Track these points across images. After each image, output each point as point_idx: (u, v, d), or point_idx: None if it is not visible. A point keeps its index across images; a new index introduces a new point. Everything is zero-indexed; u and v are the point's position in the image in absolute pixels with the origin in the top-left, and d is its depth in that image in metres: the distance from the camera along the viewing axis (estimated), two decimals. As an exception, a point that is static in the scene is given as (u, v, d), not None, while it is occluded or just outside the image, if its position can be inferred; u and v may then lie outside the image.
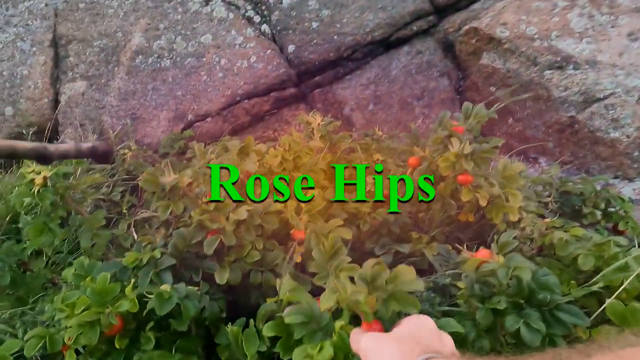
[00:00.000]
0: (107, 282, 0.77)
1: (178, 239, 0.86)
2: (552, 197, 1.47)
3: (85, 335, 0.72)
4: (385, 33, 2.29)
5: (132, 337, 0.78)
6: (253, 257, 0.85)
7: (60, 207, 1.23)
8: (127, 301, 0.76)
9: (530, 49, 1.99)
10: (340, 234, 0.86)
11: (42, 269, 1.35)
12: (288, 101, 2.32)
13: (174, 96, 2.37)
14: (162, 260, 0.82)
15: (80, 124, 2.45)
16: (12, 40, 2.70)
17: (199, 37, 2.46)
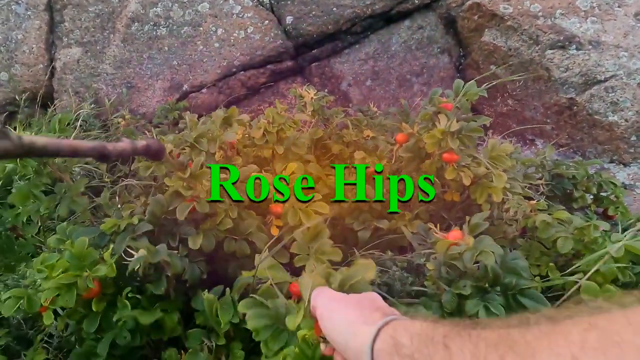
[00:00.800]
0: (85, 247, 0.78)
1: (155, 206, 0.86)
2: (543, 179, 1.46)
3: (62, 297, 0.73)
4: (386, 6, 2.23)
5: (110, 302, 0.79)
6: (225, 225, 0.85)
7: (45, 175, 1.23)
8: (104, 266, 0.77)
9: (533, 27, 1.94)
10: (319, 208, 0.85)
11: (32, 235, 1.36)
12: (284, 74, 2.28)
13: (169, 65, 2.34)
14: (139, 226, 0.83)
15: (75, 91, 2.43)
16: (7, 2, 2.64)
17: (196, 5, 2.40)
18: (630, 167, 1.81)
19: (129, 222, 0.83)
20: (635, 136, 1.78)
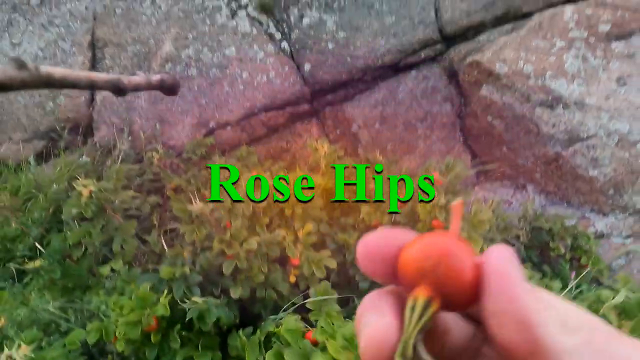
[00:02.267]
0: (147, 291, 1.02)
1: (204, 261, 1.10)
2: (524, 230, 1.68)
3: (130, 331, 0.97)
4: (395, 58, 2.48)
5: (164, 334, 1.03)
6: (259, 279, 1.09)
7: (101, 216, 1.48)
8: (161, 307, 1.01)
9: (525, 86, 2.17)
10: (327, 263, 1.09)
11: (83, 262, 1.62)
12: (301, 116, 2.54)
13: (198, 104, 2.60)
14: (192, 276, 1.07)
15: (112, 122, 2.71)
16: (54, 39, 2.95)
17: (224, 49, 2.67)
18: (608, 217, 2.02)
19: (182, 272, 1.07)
20: (612, 190, 1.99)
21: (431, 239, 0.27)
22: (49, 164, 2.72)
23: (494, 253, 0.26)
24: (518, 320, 0.23)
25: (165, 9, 2.87)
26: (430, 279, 0.25)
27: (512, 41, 2.29)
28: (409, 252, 0.27)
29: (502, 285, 0.24)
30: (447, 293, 0.25)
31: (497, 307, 0.24)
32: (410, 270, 0.26)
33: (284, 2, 2.72)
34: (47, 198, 2.22)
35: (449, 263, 0.25)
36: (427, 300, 0.25)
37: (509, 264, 0.26)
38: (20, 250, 2.01)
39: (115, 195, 1.44)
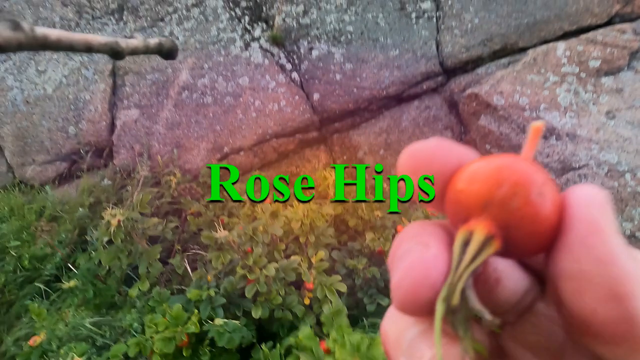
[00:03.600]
0: (180, 311, 1.15)
1: (228, 284, 1.23)
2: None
3: (165, 346, 1.10)
4: (398, 89, 2.64)
5: (193, 349, 1.16)
6: (278, 300, 1.22)
7: (128, 242, 1.62)
8: (192, 325, 1.14)
9: (520, 117, 2.31)
10: (338, 287, 1.22)
11: (111, 282, 1.75)
12: (310, 143, 2.69)
13: (213, 130, 2.76)
14: (216, 298, 1.20)
15: (132, 146, 2.87)
16: (78, 67, 3.13)
17: (238, 78, 2.85)
18: (600, 242, 2.14)
19: (207, 294, 1.20)
20: (603, 217, 2.12)
21: (504, 160, 0.21)
22: (71, 185, 2.87)
23: (581, 192, 0.20)
24: (609, 289, 0.17)
25: (183, 40, 3.05)
26: (497, 211, 0.20)
27: (509, 75, 2.45)
28: (471, 173, 0.21)
29: (591, 239, 0.18)
30: (515, 234, 0.20)
31: (579, 267, 0.18)
32: (470, 196, 0.21)
33: (295, 35, 2.90)
34: (72, 220, 2.37)
35: (527, 195, 0.20)
36: (487, 237, 0.20)
37: (601, 210, 0.19)
38: (48, 270, 2.15)
39: (142, 223, 1.58)
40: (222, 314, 1.17)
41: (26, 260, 2.21)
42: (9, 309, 2.08)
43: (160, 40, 1.54)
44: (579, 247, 0.18)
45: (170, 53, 1.67)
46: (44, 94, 3.11)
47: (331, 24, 2.88)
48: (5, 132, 3.09)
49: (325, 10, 2.93)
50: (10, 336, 1.85)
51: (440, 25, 2.75)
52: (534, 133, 0.25)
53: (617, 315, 0.17)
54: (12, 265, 2.22)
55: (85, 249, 2.22)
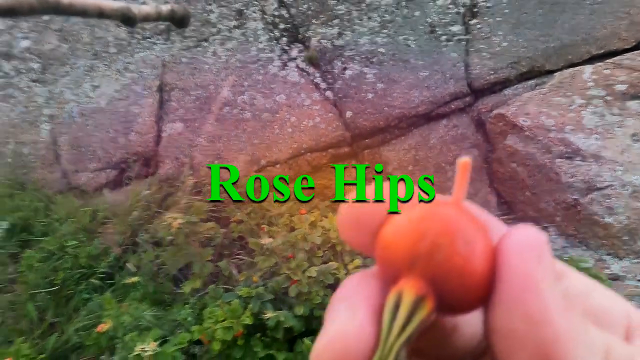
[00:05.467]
0: (237, 305, 1.32)
1: (274, 284, 1.39)
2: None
3: (224, 335, 1.26)
4: (427, 109, 2.77)
5: (247, 339, 1.32)
6: (317, 300, 1.36)
7: (185, 242, 1.81)
8: (247, 317, 1.30)
9: (546, 138, 2.41)
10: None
11: (164, 280, 1.94)
12: (342, 157, 2.85)
13: (251, 143, 2.96)
14: (265, 295, 1.36)
15: (176, 157, 3.09)
16: (129, 83, 3.40)
17: (275, 96, 3.04)
18: (623, 261, 2.20)
19: (257, 292, 1.36)
20: (627, 236, 2.18)
21: (429, 209, 0.20)
22: (120, 191, 3.11)
23: (515, 239, 0.19)
24: (541, 351, 0.16)
25: (225, 59, 3.28)
26: (423, 267, 0.18)
27: (535, 97, 2.55)
28: (394, 226, 0.20)
29: (523, 295, 0.17)
30: (446, 290, 0.18)
31: (511, 326, 0.17)
32: (394, 253, 0.19)
33: (330, 56, 3.09)
34: (124, 223, 2.59)
35: (454, 248, 0.18)
36: (417, 299, 0.18)
37: (536, 260, 0.18)
38: (102, 267, 2.37)
39: (198, 227, 1.77)
40: (271, 308, 1.33)
41: (82, 259, 2.43)
42: (68, 302, 2.30)
43: (173, 8, 1.49)
44: (511, 304, 0.17)
45: (183, 21, 1.60)
46: (98, 107, 3.38)
47: (364, 45, 3.05)
48: (62, 141, 3.37)
49: (359, 33, 3.11)
50: (71, 327, 2.06)
51: (469, 48, 2.88)
52: (461, 170, 0.23)
53: None
54: (70, 263, 2.44)
55: (135, 250, 2.42)
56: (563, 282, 0.22)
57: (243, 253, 1.87)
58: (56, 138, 3.40)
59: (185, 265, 1.97)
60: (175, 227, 1.72)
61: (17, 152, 3.44)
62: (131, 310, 1.58)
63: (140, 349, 1.16)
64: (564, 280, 0.22)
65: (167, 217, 1.76)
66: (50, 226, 2.77)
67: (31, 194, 3.16)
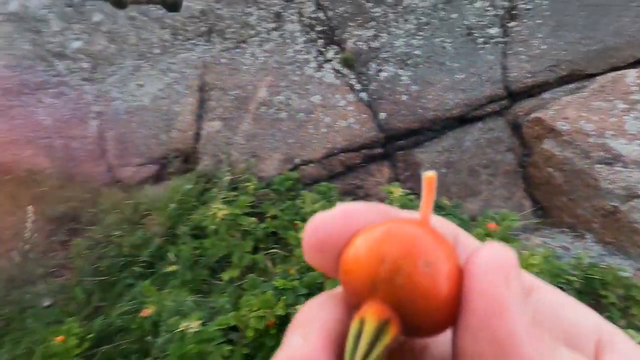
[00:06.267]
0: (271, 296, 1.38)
1: (309, 278, 1.45)
2: (577, 277, 1.88)
3: (258, 323, 1.33)
4: (462, 111, 2.77)
5: (279, 329, 1.39)
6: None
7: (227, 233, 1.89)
8: (280, 308, 1.36)
9: (585, 143, 2.36)
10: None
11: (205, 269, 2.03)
12: (375, 158, 2.88)
13: (286, 142, 3.04)
14: (299, 288, 1.42)
15: (214, 154, 3.21)
16: (171, 82, 3.56)
17: (310, 96, 3.11)
18: (664, 271, 2.13)
19: (292, 284, 1.43)
20: (669, 246, 2.11)
21: (390, 229, 0.19)
22: (161, 186, 3.26)
23: (482, 259, 0.18)
24: None
25: (263, 60, 3.38)
26: (385, 292, 0.18)
27: (575, 101, 2.51)
28: (355, 248, 0.19)
29: (490, 319, 0.16)
30: (410, 314, 0.18)
31: (478, 350, 0.16)
32: (355, 278, 0.19)
33: (365, 58, 3.13)
34: (164, 215, 2.72)
35: (415, 270, 0.18)
36: (379, 324, 0.18)
37: (504, 282, 0.17)
38: (144, 256, 2.50)
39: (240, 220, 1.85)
40: (303, 302, 1.38)
41: (126, 248, 2.57)
42: (112, 288, 2.44)
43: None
44: (478, 328, 0.16)
45: (175, 5, 1.63)
46: (142, 105, 3.55)
47: (400, 47, 3.08)
48: (108, 136, 3.57)
49: (395, 35, 3.13)
50: (115, 311, 2.19)
51: (507, 51, 2.86)
52: (427, 185, 0.22)
53: None
54: (115, 251, 2.59)
55: (175, 241, 2.54)
56: (532, 300, 0.21)
57: (277, 247, 1.94)
58: (103, 134, 3.60)
59: (223, 256, 2.06)
60: (219, 217, 1.81)
61: (67, 146, 3.66)
62: (172, 297, 1.68)
63: (184, 326, 1.25)
64: (533, 295, 0.22)
65: (213, 208, 1.85)
66: (97, 216, 2.94)
67: (79, 186, 3.36)
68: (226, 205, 1.94)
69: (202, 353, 1.34)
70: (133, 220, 2.86)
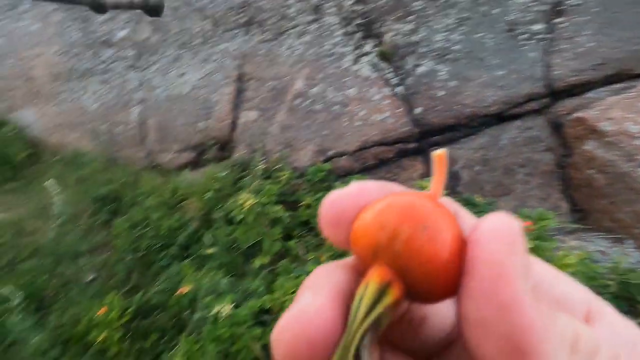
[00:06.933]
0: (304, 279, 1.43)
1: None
2: (614, 282, 1.83)
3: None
4: (500, 109, 2.72)
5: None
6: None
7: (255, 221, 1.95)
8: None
9: (630, 145, 2.28)
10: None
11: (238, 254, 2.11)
12: (409, 153, 2.87)
13: (320, 134, 3.07)
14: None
15: (249, 144, 3.29)
16: (210, 72, 3.66)
17: (346, 89, 3.13)
18: None
19: (324, 270, 1.46)
20: None
21: (393, 199, 0.20)
22: (197, 172, 3.37)
23: (487, 226, 0.19)
24: (510, 340, 0.16)
25: (300, 52, 3.42)
26: (386, 256, 0.19)
27: (621, 102, 2.42)
28: (362, 218, 0.20)
29: (494, 284, 0.17)
30: (411, 278, 0.19)
31: (482, 315, 0.17)
32: (360, 245, 0.20)
33: (402, 52, 3.12)
34: (200, 200, 2.81)
35: (413, 234, 0.19)
36: (381, 286, 0.19)
37: (508, 249, 0.18)
38: (181, 239, 2.60)
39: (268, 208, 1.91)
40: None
41: (163, 230, 2.68)
42: (150, 267, 2.56)
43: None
44: (483, 293, 0.17)
45: (156, 9, 1.57)
46: (182, 94, 3.67)
47: (439, 42, 3.04)
48: (149, 123, 3.71)
49: (434, 30, 3.10)
50: (152, 288, 2.30)
51: (551, 48, 2.78)
52: (438, 163, 0.22)
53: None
54: (153, 232, 2.71)
55: (210, 226, 2.63)
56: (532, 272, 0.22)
57: (310, 235, 1.99)
58: (144, 120, 3.75)
59: (256, 242, 2.12)
60: (247, 207, 1.87)
61: (110, 131, 3.83)
62: (209, 278, 1.75)
63: (217, 309, 1.31)
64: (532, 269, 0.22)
65: (240, 198, 1.91)
66: (137, 199, 3.08)
67: (121, 169, 3.52)
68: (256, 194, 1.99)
69: (234, 335, 1.40)
70: (170, 203, 2.97)
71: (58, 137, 4.03)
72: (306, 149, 3.08)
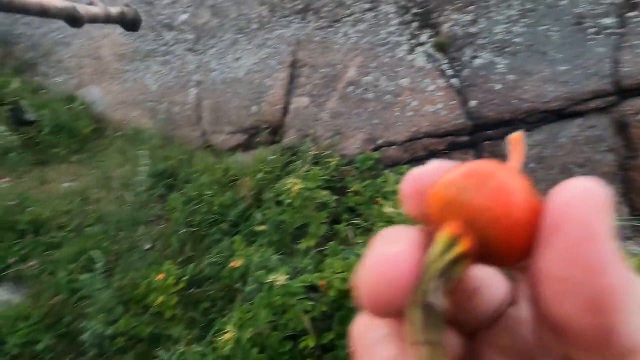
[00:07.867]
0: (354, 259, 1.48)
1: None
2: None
3: (341, 285, 1.43)
4: (561, 105, 2.62)
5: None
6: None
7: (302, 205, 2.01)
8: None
9: None
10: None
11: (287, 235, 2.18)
12: (460, 146, 2.84)
13: (370, 123, 3.09)
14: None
15: (300, 129, 3.35)
16: (265, 57, 3.74)
17: (399, 79, 3.11)
18: None
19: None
20: None
21: (474, 165, 0.21)
22: (248, 154, 3.48)
23: (576, 188, 0.19)
24: (593, 299, 0.16)
25: (355, 40, 3.43)
26: (461, 211, 0.19)
27: (697, 103, 2.27)
28: (436, 185, 0.21)
29: (582, 244, 0.17)
30: (485, 235, 0.19)
31: (566, 272, 0.17)
32: (433, 205, 0.21)
33: (460, 43, 3.05)
34: (252, 181, 2.92)
35: (490, 191, 0.19)
36: (451, 237, 0.19)
37: (596, 211, 0.18)
38: (232, 216, 2.72)
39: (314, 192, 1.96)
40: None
41: (215, 207, 2.81)
42: (202, 241, 2.69)
43: (123, 10, 1.39)
44: (568, 251, 0.17)
45: (134, 24, 1.49)
46: (237, 77, 3.79)
47: (499, 34, 2.96)
48: (205, 104, 3.86)
49: (495, 21, 3.01)
50: (204, 261, 2.42)
51: (622, 43, 2.63)
52: (514, 144, 0.23)
53: (596, 326, 0.16)
54: (206, 208, 2.84)
55: (260, 205, 2.73)
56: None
57: (358, 220, 2.02)
58: (200, 101, 3.90)
59: (300, 225, 2.18)
60: (294, 191, 1.93)
61: (169, 111, 4.02)
62: (260, 253, 1.83)
63: (272, 278, 1.38)
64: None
65: (288, 182, 1.98)
66: (191, 176, 3.23)
67: (177, 147, 3.69)
68: (304, 179, 2.04)
69: (285, 305, 1.47)
70: (223, 182, 3.10)
71: (121, 114, 4.28)
72: (356, 136, 3.11)
